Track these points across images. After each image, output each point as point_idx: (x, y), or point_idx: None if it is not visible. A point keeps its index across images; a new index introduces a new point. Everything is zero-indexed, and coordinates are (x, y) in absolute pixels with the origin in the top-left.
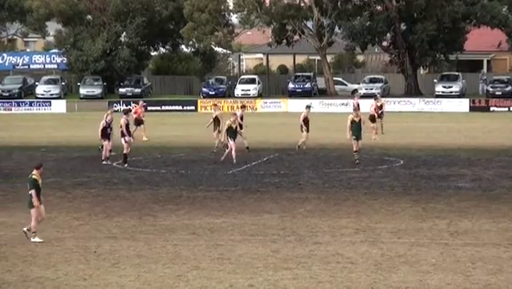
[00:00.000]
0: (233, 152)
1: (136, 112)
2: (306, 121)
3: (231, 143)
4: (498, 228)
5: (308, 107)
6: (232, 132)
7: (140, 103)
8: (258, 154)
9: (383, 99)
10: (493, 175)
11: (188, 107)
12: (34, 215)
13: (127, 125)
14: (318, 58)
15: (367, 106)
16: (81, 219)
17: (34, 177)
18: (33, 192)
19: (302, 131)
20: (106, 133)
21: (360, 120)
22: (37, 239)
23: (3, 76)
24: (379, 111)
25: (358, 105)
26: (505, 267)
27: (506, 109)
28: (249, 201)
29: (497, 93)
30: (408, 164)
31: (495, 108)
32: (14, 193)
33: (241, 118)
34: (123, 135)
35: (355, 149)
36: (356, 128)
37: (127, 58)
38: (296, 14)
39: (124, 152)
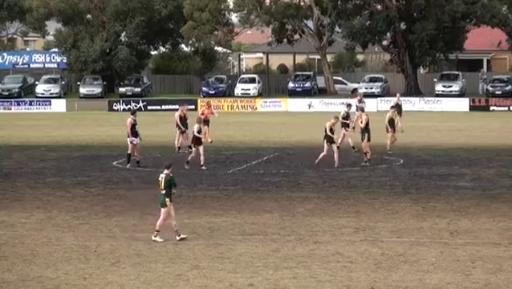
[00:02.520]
0: (321, 155)
1: (203, 113)
2: (391, 122)
3: (326, 147)
4: (498, 227)
5: (393, 107)
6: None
7: (208, 102)
8: (258, 153)
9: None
10: (493, 174)
11: (188, 107)
12: (164, 215)
13: (133, 126)
14: (318, 57)
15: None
16: (81, 218)
17: (171, 175)
18: (174, 188)
19: (387, 132)
20: (184, 124)
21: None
22: (158, 239)
23: (3, 75)
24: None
25: (359, 101)
26: (504, 266)
27: (506, 108)
28: (249, 201)
29: (497, 92)
30: (408, 164)
31: (495, 108)
32: (14, 193)
33: (347, 117)
34: (128, 135)
35: (364, 151)
36: (364, 129)
37: (126, 57)
38: (296, 14)
39: (128, 152)
